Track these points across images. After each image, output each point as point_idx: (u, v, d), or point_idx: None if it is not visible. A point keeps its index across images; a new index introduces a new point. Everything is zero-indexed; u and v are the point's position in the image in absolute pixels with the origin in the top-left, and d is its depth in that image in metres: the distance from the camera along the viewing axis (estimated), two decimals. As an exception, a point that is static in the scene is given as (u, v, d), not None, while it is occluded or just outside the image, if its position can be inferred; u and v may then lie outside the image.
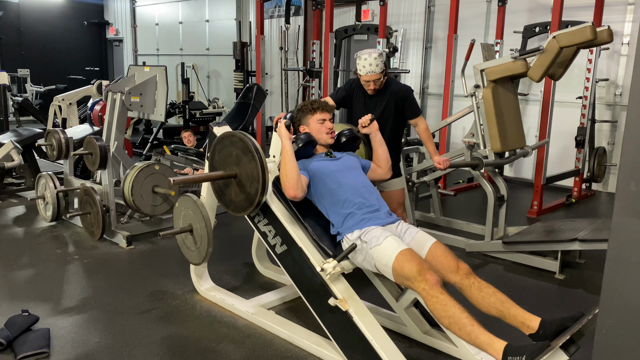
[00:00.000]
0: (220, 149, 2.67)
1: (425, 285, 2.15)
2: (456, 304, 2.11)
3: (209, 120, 8.93)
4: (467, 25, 6.78)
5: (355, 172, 2.68)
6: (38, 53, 12.58)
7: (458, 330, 2.09)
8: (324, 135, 2.76)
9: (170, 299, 3.19)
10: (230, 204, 2.68)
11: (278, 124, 3.25)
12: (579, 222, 3.97)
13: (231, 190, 2.66)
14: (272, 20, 9.96)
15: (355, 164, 2.74)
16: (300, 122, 2.84)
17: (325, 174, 2.59)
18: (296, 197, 2.51)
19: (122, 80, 4.47)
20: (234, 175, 2.59)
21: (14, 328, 2.64)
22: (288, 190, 2.50)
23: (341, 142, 2.86)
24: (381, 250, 2.32)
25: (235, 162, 2.58)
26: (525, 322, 2.11)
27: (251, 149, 2.48)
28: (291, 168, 2.49)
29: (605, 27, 3.77)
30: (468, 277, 2.28)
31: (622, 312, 1.25)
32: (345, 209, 2.51)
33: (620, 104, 6.16)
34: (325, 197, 2.58)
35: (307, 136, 2.70)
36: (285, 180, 2.49)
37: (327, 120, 2.78)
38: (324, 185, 2.58)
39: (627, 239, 1.22)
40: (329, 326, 2.45)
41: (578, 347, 1.91)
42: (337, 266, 2.38)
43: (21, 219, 4.78)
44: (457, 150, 4.41)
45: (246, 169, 2.53)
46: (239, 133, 2.58)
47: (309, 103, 2.82)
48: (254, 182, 2.50)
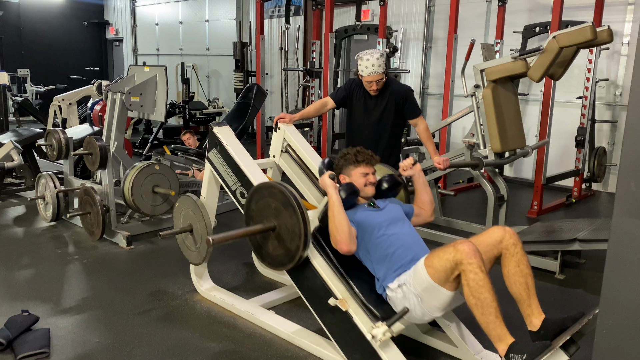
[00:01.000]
0: (257, 199, 2.52)
1: (462, 255, 2.03)
2: (491, 290, 2.03)
3: (209, 120, 8.93)
4: (467, 25, 6.78)
5: (402, 222, 2.50)
6: (38, 53, 12.58)
7: (480, 315, 2.04)
8: (366, 188, 2.57)
9: (170, 299, 3.19)
10: (268, 257, 2.54)
11: (279, 125, 3.25)
12: (579, 222, 3.97)
13: (269, 244, 2.51)
14: (272, 20, 9.96)
15: (400, 213, 2.57)
16: (341, 170, 2.65)
17: (372, 227, 2.41)
18: (350, 251, 2.35)
19: (122, 80, 4.47)
20: (272, 228, 2.45)
21: (14, 328, 2.64)
22: (341, 245, 2.33)
23: (382, 189, 2.68)
24: (415, 275, 2.21)
25: (274, 215, 2.44)
26: (531, 316, 2.11)
27: (292, 202, 2.34)
28: (341, 221, 2.33)
29: (605, 27, 3.77)
30: (515, 245, 2.17)
31: (622, 312, 1.25)
32: (393, 262, 2.33)
33: (620, 104, 6.16)
34: (372, 252, 2.39)
35: (350, 187, 2.51)
36: (337, 234, 2.33)
37: (371, 174, 2.60)
38: (370, 239, 2.40)
39: (627, 239, 1.22)
40: (329, 326, 2.45)
41: (578, 347, 1.91)
42: (388, 331, 2.23)
43: (21, 219, 4.78)
44: (457, 150, 4.41)
45: (286, 222, 2.39)
46: (278, 185, 2.44)
47: (353, 154, 2.62)
48: (294, 238, 2.36)
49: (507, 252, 2.18)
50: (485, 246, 2.19)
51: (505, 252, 2.18)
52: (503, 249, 2.19)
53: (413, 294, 2.20)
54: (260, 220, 2.51)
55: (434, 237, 4.22)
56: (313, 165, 3.06)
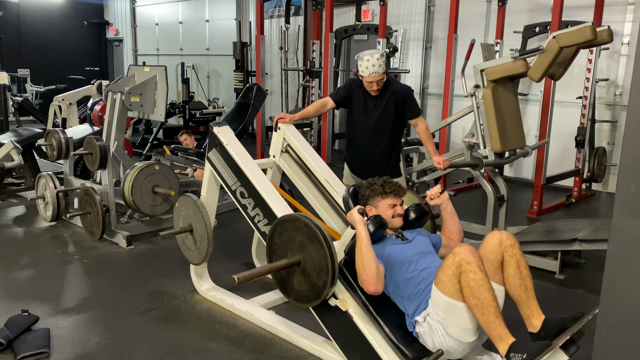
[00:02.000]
0: (280, 232, 2.42)
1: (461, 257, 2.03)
2: (491, 289, 2.02)
3: (209, 120, 8.93)
4: (467, 25, 6.78)
5: (431, 255, 2.42)
6: (38, 53, 12.58)
7: (480, 315, 2.02)
8: (393, 220, 2.51)
9: (170, 299, 3.19)
10: (293, 293, 2.43)
11: (279, 125, 3.25)
12: (579, 222, 3.96)
13: (294, 279, 2.41)
14: (272, 20, 9.96)
15: (429, 246, 2.50)
16: (367, 201, 2.57)
17: (402, 262, 2.33)
18: (377, 292, 2.25)
19: (122, 80, 4.47)
20: (298, 262, 2.35)
21: (14, 328, 2.64)
22: (368, 285, 2.23)
23: (410, 220, 2.61)
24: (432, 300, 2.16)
25: (299, 249, 2.34)
26: (531, 318, 2.11)
27: (319, 237, 2.24)
28: (369, 260, 2.22)
29: (605, 27, 3.77)
30: (514, 247, 2.18)
31: (622, 312, 1.25)
32: (424, 298, 2.24)
33: (620, 104, 6.16)
34: (402, 288, 2.31)
35: (378, 220, 2.40)
36: (364, 273, 2.22)
37: (399, 206, 2.53)
38: (399, 274, 2.32)
39: (627, 239, 1.22)
40: (329, 326, 2.45)
41: (578, 347, 1.91)
42: None
43: (21, 219, 4.78)
44: (457, 150, 4.41)
45: (312, 257, 2.29)
46: (303, 217, 2.33)
47: (380, 185, 2.55)
48: (321, 274, 2.26)
49: (506, 253, 2.19)
50: (489, 254, 2.19)
51: (504, 254, 2.19)
52: (503, 250, 2.19)
53: (437, 322, 2.14)
54: (284, 254, 2.40)
55: (434, 237, 4.22)
56: (313, 166, 3.06)
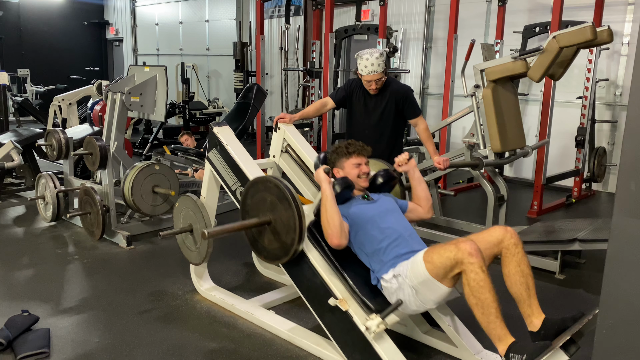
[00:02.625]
0: (253, 193, 2.54)
1: (463, 255, 2.02)
2: (492, 290, 2.03)
3: (209, 120, 8.93)
4: (467, 25, 6.78)
5: (395, 214, 2.51)
6: (38, 53, 12.58)
7: (480, 315, 2.04)
8: (359, 180, 2.59)
9: (170, 299, 3.19)
10: (264, 251, 2.55)
11: (279, 125, 3.25)
12: (579, 222, 3.97)
13: (265, 238, 2.52)
14: (272, 20, 9.96)
15: (394, 206, 2.58)
16: (334, 164, 2.66)
17: (366, 220, 2.43)
18: (341, 245, 2.36)
19: (122, 80, 4.47)
20: (268, 222, 2.46)
21: (14, 328, 2.64)
22: (332, 239, 2.35)
23: (377, 184, 2.69)
24: (412, 268, 2.20)
25: (270, 209, 2.45)
26: (531, 317, 2.11)
27: (287, 196, 2.35)
28: (333, 215, 2.35)
29: (605, 27, 3.77)
30: (517, 246, 2.17)
31: (622, 312, 1.25)
32: (387, 255, 2.34)
33: (620, 104, 6.16)
34: (366, 245, 2.41)
35: (344, 181, 2.52)
36: (328, 228, 2.35)
37: (363, 164, 2.61)
38: (364, 232, 2.42)
39: (627, 239, 1.22)
40: (329, 326, 2.45)
41: (578, 347, 1.91)
42: (382, 324, 2.24)
43: (21, 219, 4.78)
44: (457, 150, 4.41)
45: (281, 216, 2.39)
46: (274, 179, 2.45)
47: (345, 146, 2.65)
48: (290, 231, 2.37)
49: (507, 252, 2.17)
50: (486, 244, 2.19)
51: (505, 252, 2.18)
52: (504, 248, 2.18)
53: (408, 286, 2.21)
54: (256, 214, 2.52)
55: (434, 237, 4.22)
56: (313, 165, 3.06)
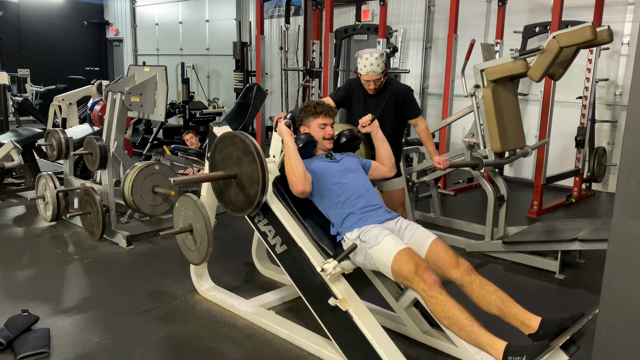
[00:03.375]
0: (221, 149, 2.67)
1: (424, 285, 2.15)
2: (455, 304, 2.10)
3: (209, 120, 8.93)
4: (467, 25, 6.78)
5: (356, 173, 2.66)
6: (38, 53, 12.58)
7: (458, 331, 2.09)
8: (323, 141, 2.74)
9: (170, 299, 3.19)
10: (230, 204, 2.68)
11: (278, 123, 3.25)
12: (579, 222, 3.96)
13: (231, 191, 2.65)
14: (272, 20, 9.96)
15: (356, 165, 2.72)
16: (301, 122, 2.81)
17: (325, 175, 2.58)
18: (305, 191, 2.51)
19: (122, 80, 4.47)
20: (234, 175, 2.58)
21: (14, 328, 2.64)
22: (297, 186, 2.49)
23: (341, 143, 2.84)
24: (380, 249, 2.32)
25: (236, 163, 2.58)
26: (525, 322, 2.10)
27: (252, 150, 2.47)
28: (296, 163, 2.49)
29: (605, 27, 3.77)
30: (469, 274, 2.27)
31: (622, 312, 1.25)
32: (345, 209, 2.50)
33: (620, 104, 6.16)
34: (325, 198, 2.57)
35: (307, 136, 2.68)
36: (292, 175, 2.49)
37: (329, 126, 2.75)
38: (324, 186, 2.57)
39: (627, 239, 1.22)
40: (329, 326, 2.45)
41: (578, 347, 1.91)
42: (338, 266, 2.37)
43: (21, 219, 4.78)
44: (457, 150, 4.41)
45: (246, 170, 2.52)
46: (240, 134, 2.56)
47: (313, 106, 2.78)
48: (254, 184, 2.49)
49: (463, 282, 2.28)
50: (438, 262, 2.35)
51: (462, 283, 2.29)
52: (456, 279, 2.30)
53: (369, 254, 2.36)
54: (223, 168, 2.64)
55: (434, 237, 4.22)
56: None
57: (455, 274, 2.30)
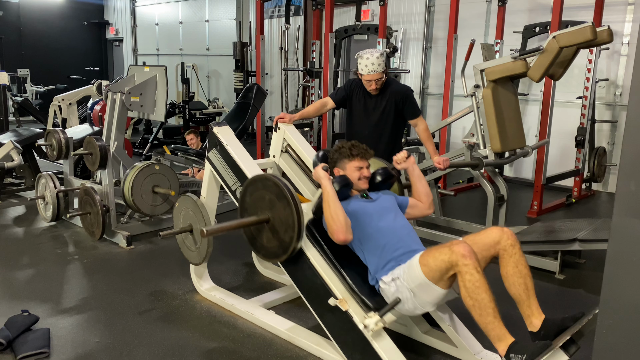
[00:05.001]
0: (252, 192, 2.54)
1: (457, 257, 2.03)
2: (488, 290, 2.03)
3: (209, 120, 8.93)
4: (467, 25, 6.77)
5: (393, 213, 2.51)
6: (38, 53, 12.58)
7: (478, 316, 2.04)
8: (359, 182, 2.59)
9: (170, 299, 3.19)
10: (262, 249, 2.55)
11: (278, 125, 3.25)
12: (579, 222, 3.96)
13: (263, 236, 2.52)
14: (272, 20, 9.96)
15: (393, 204, 2.58)
16: (335, 164, 2.66)
17: (363, 218, 2.44)
18: (347, 240, 2.36)
19: (122, 80, 4.47)
20: (267, 220, 2.46)
21: (14, 328, 2.64)
22: (337, 235, 2.34)
23: (375, 182, 2.69)
24: (409, 271, 2.21)
25: (269, 207, 2.45)
26: (531, 317, 2.11)
27: (286, 194, 2.35)
28: (336, 210, 2.34)
29: (605, 27, 3.77)
30: (513, 246, 2.17)
31: (622, 312, 1.25)
32: (385, 254, 2.34)
33: (620, 104, 6.16)
34: (364, 242, 2.41)
35: (344, 179, 2.53)
36: (333, 223, 2.34)
37: (365, 168, 2.61)
38: (362, 230, 2.42)
39: (627, 239, 1.22)
40: (329, 326, 2.45)
41: (578, 347, 1.91)
42: (380, 321, 2.25)
43: (21, 219, 4.78)
44: (457, 150, 4.41)
45: (280, 214, 2.39)
46: (272, 177, 2.45)
47: (348, 148, 2.63)
48: (288, 229, 2.37)
49: (505, 252, 2.17)
50: (482, 246, 2.19)
51: (503, 253, 2.18)
52: (500, 249, 2.18)
53: (406, 289, 2.21)
54: (254, 212, 2.52)
55: (434, 237, 4.22)
56: (312, 165, 3.06)
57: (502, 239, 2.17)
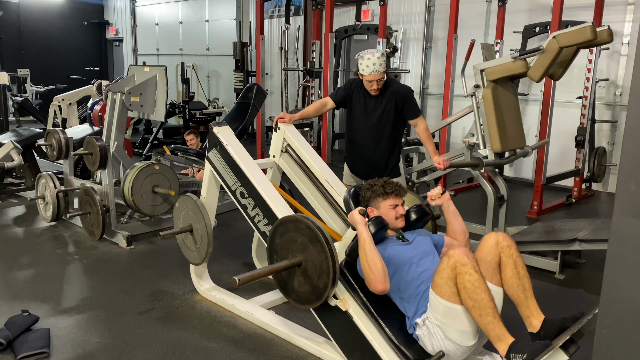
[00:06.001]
0: (282, 233, 2.42)
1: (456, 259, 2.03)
2: (487, 290, 2.02)
3: (209, 120, 8.93)
4: (467, 25, 6.77)
5: (432, 257, 2.41)
6: (38, 53, 12.57)
7: (478, 316, 2.03)
8: (394, 221, 2.51)
9: (170, 299, 3.19)
10: (293, 294, 2.44)
11: (279, 125, 3.24)
12: (579, 222, 3.96)
13: (295, 280, 2.41)
14: (272, 20, 9.96)
15: (430, 246, 2.49)
16: (368, 202, 2.57)
17: (402, 263, 2.34)
18: (385, 290, 2.25)
19: (122, 80, 4.47)
20: (299, 264, 2.35)
21: (14, 328, 2.64)
22: (376, 285, 2.22)
23: (410, 220, 2.61)
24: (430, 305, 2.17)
25: (300, 250, 2.34)
26: (530, 318, 2.11)
27: (320, 239, 2.24)
28: (374, 259, 2.23)
29: (605, 27, 3.77)
30: (510, 247, 2.17)
31: (622, 312, 1.25)
32: (424, 301, 2.24)
33: (620, 104, 6.16)
34: (403, 290, 2.32)
35: (380, 221, 2.40)
36: (371, 273, 2.22)
37: (400, 206, 2.53)
38: (400, 276, 2.32)
39: (627, 239, 1.22)
40: (329, 326, 2.45)
41: (578, 347, 1.91)
42: None
43: (21, 219, 4.78)
44: (457, 150, 4.41)
45: (313, 259, 2.29)
46: (305, 219, 2.33)
47: (381, 185, 2.54)
48: (322, 275, 2.26)
49: (503, 254, 2.18)
50: (486, 255, 2.19)
51: (501, 255, 2.18)
52: (500, 252, 2.18)
53: (436, 326, 2.15)
54: (285, 255, 2.40)
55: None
56: (313, 166, 3.06)
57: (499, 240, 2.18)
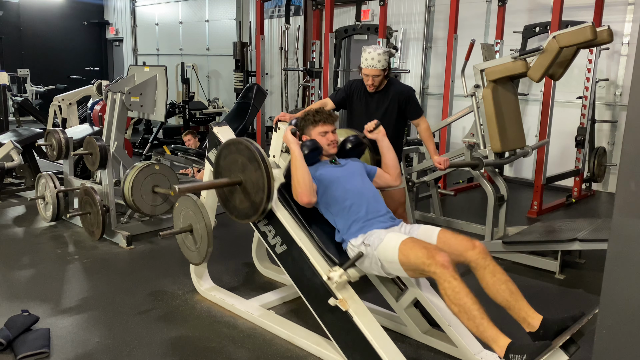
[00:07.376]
0: (225, 155, 2.63)
1: (436, 267, 2.08)
2: (469, 293, 2.06)
3: (209, 120, 8.93)
4: (467, 25, 6.78)
5: (360, 177, 2.62)
6: (38, 53, 12.57)
7: (467, 320, 2.06)
8: (327, 147, 2.69)
9: (170, 299, 3.19)
10: (235, 211, 2.65)
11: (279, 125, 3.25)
12: (579, 222, 3.96)
13: (236, 197, 2.62)
14: (272, 20, 9.96)
15: (361, 170, 2.69)
16: (302, 131, 2.76)
17: (331, 181, 2.54)
18: (310, 202, 2.48)
19: (122, 80, 4.47)
20: (239, 182, 2.56)
21: (14, 328, 2.64)
22: (302, 197, 2.46)
23: (346, 149, 2.80)
24: (384, 247, 2.29)
25: (241, 170, 2.54)
26: (527, 319, 2.10)
27: (257, 157, 2.44)
28: (303, 174, 2.46)
29: (605, 27, 3.77)
30: (484, 258, 2.20)
31: (622, 312, 1.25)
32: (351, 215, 2.45)
33: (620, 104, 6.16)
34: (331, 205, 2.52)
35: (312, 143, 2.63)
36: (298, 186, 2.46)
37: (330, 132, 2.69)
38: (329, 193, 2.53)
39: (627, 239, 1.22)
40: (329, 326, 2.45)
41: (578, 347, 1.91)
42: (344, 275, 2.35)
43: (21, 219, 4.78)
44: (457, 150, 4.41)
45: (251, 177, 2.49)
46: (245, 140, 2.54)
47: (312, 114, 2.73)
48: (259, 191, 2.46)
49: (477, 265, 2.20)
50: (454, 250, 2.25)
51: (475, 266, 2.21)
52: (472, 262, 2.21)
53: (375, 257, 2.32)
54: (228, 175, 2.62)
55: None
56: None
57: (471, 255, 2.21)
